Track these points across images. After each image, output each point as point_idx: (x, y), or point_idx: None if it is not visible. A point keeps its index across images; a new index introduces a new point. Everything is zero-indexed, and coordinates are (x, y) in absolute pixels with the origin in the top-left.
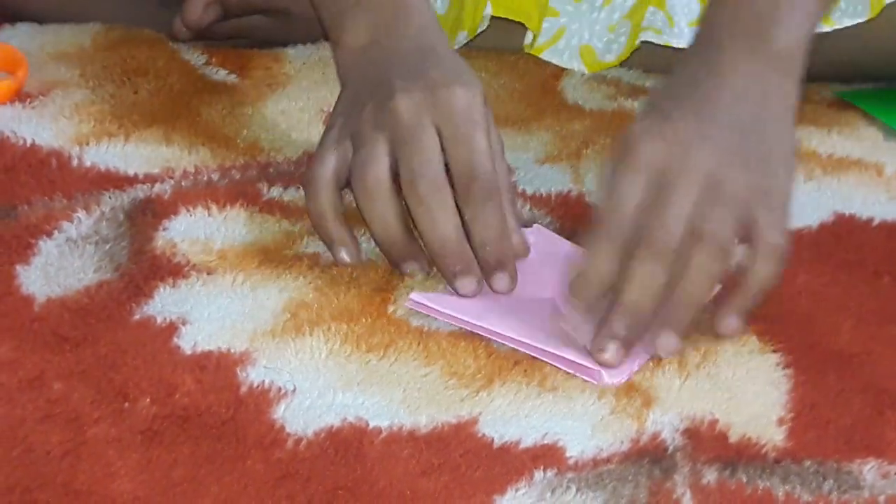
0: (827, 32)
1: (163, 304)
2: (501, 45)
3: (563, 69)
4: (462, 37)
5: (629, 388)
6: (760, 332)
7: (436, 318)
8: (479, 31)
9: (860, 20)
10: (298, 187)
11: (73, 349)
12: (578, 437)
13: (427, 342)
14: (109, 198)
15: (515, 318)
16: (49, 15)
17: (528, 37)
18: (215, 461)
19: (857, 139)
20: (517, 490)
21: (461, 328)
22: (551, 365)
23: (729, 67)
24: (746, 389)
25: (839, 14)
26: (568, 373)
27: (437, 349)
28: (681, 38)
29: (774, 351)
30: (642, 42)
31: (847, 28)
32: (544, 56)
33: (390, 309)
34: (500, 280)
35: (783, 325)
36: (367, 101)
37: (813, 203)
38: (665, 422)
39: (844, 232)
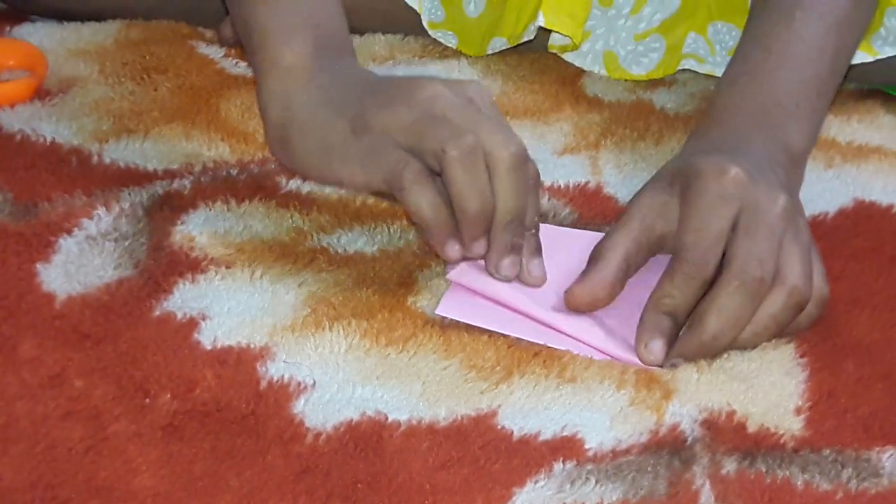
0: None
1: (182, 299)
2: (524, 47)
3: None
4: (499, 43)
5: (649, 381)
6: None
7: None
8: (524, 40)
9: None
10: None
11: (94, 346)
12: (597, 429)
13: (447, 335)
14: (129, 194)
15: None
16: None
17: (554, 37)
18: (235, 456)
19: (877, 127)
20: (536, 482)
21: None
22: (569, 356)
23: (756, 147)
24: (763, 380)
25: (881, 43)
26: (585, 364)
27: (457, 342)
28: (722, 66)
29: (789, 342)
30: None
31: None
32: (566, 57)
33: (410, 302)
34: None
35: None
36: (382, 102)
37: (833, 190)
38: (684, 413)
39: (863, 218)
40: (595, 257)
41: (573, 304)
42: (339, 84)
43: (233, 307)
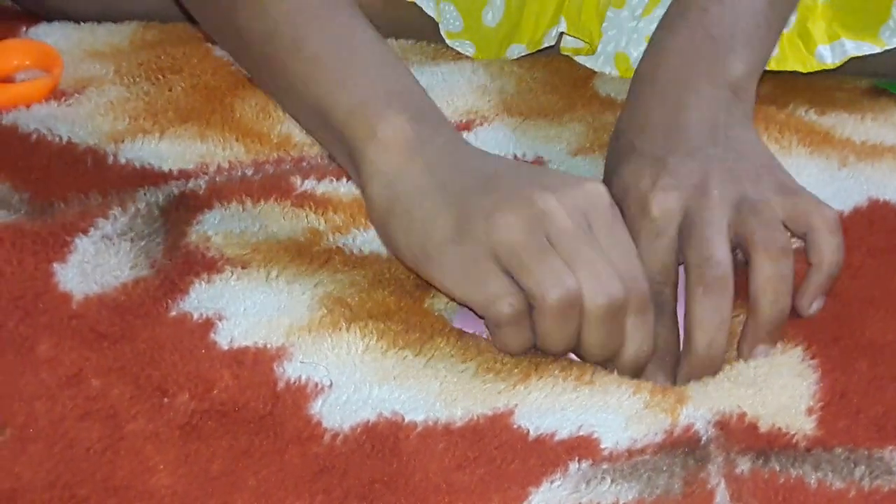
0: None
1: (199, 299)
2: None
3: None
4: (518, 50)
5: (664, 387)
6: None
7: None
8: (545, 46)
9: None
10: (332, 180)
11: (112, 346)
12: (613, 429)
13: (465, 339)
14: (144, 194)
15: None
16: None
17: (566, 40)
18: (253, 455)
19: (891, 125)
20: (552, 482)
21: None
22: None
23: (693, 97)
24: (772, 383)
25: (889, 34)
26: (603, 370)
27: (474, 345)
28: None
29: (796, 346)
30: None
31: None
32: (578, 59)
33: (427, 304)
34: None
35: (805, 321)
36: (489, 205)
37: (847, 189)
38: (698, 416)
39: (878, 217)
40: None
41: None
42: (447, 166)
43: (249, 307)
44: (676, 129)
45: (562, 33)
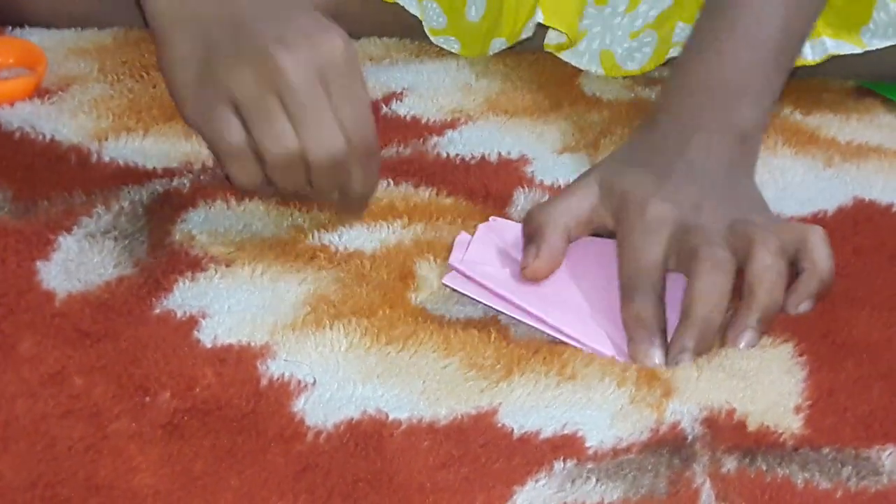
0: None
1: (182, 297)
2: (522, 48)
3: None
4: (499, 43)
5: (650, 378)
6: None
7: (456, 305)
8: (523, 38)
9: (891, 43)
10: None
11: (94, 344)
12: (598, 427)
13: (447, 333)
14: (128, 192)
15: (548, 301)
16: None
17: (550, 36)
18: (236, 454)
19: (876, 126)
20: (537, 481)
21: (480, 317)
22: (569, 352)
23: (704, 142)
24: (762, 378)
25: (869, 35)
26: (586, 361)
27: (456, 340)
28: None
29: (787, 341)
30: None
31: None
32: (563, 56)
33: (410, 297)
34: None
35: (795, 318)
36: (231, 52)
37: (832, 189)
38: (684, 411)
39: (863, 217)
40: (540, 231)
41: (532, 277)
42: None
43: (233, 305)
44: (685, 160)
45: (545, 28)
